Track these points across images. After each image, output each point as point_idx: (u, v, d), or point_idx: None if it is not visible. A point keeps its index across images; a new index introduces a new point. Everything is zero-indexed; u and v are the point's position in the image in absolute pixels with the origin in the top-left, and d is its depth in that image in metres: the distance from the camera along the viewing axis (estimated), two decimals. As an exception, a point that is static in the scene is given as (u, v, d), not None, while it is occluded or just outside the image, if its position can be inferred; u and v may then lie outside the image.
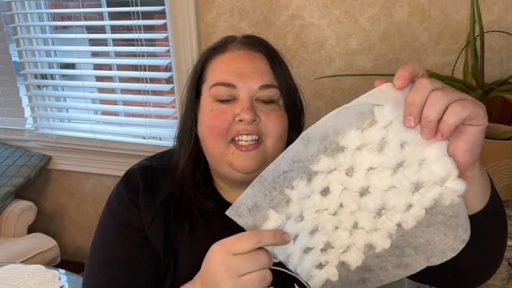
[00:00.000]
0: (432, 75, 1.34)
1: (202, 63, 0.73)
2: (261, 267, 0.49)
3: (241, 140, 0.65)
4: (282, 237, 0.50)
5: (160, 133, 1.97)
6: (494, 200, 0.52)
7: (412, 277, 0.68)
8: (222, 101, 0.68)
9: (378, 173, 0.47)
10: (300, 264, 0.52)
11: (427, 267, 0.62)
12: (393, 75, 0.45)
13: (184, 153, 0.74)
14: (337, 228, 0.51)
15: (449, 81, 1.28)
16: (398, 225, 0.48)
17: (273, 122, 0.67)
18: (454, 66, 1.39)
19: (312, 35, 1.57)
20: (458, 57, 1.40)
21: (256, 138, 0.66)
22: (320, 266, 0.53)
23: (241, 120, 0.65)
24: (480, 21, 1.21)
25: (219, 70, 0.70)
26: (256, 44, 0.72)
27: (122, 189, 0.73)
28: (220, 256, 0.49)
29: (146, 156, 0.82)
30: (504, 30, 1.35)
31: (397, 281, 0.53)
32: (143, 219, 0.70)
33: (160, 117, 1.98)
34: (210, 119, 0.67)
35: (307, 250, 0.52)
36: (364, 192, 0.48)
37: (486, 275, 0.62)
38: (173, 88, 1.86)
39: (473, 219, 0.50)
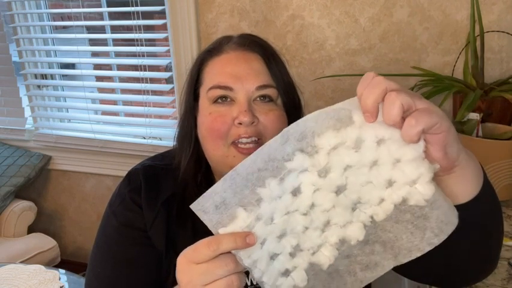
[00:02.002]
0: (432, 75, 1.34)
1: (198, 66, 0.74)
2: (226, 274, 0.46)
3: (242, 143, 0.66)
4: (244, 240, 0.46)
5: (160, 133, 1.97)
6: (487, 188, 0.52)
7: (412, 277, 0.69)
8: (220, 104, 0.68)
9: (355, 170, 0.47)
10: (266, 272, 0.48)
11: (426, 267, 0.62)
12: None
13: (185, 156, 0.74)
14: (307, 228, 0.49)
15: (449, 81, 1.28)
16: (371, 217, 0.48)
17: (272, 122, 0.67)
18: (454, 66, 1.40)
19: (312, 35, 1.57)
20: (458, 57, 1.40)
21: (256, 139, 0.66)
22: (286, 272, 0.50)
23: (240, 123, 0.65)
24: (480, 21, 1.21)
25: (215, 73, 0.70)
26: (251, 44, 0.72)
27: (124, 188, 0.73)
28: (183, 267, 0.48)
29: (146, 156, 0.83)
30: (504, 30, 1.35)
31: (397, 281, 0.52)
32: (145, 218, 0.71)
33: (160, 117, 1.98)
34: (209, 121, 0.68)
35: (274, 256, 0.49)
36: (341, 190, 0.48)
37: (484, 269, 0.62)
38: (173, 88, 1.87)
39: (467, 207, 0.50)
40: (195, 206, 0.47)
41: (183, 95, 0.76)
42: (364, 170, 0.47)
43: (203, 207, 0.47)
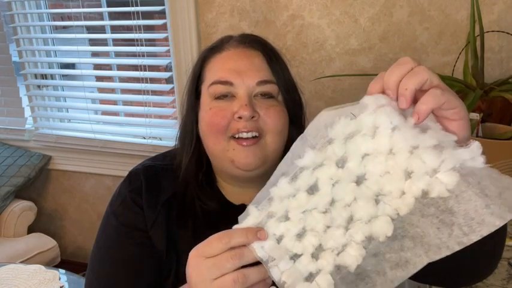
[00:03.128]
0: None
1: (201, 63, 0.74)
2: (233, 268, 0.47)
3: (241, 138, 0.66)
4: (255, 234, 0.47)
5: (160, 133, 1.97)
6: None
7: (412, 277, 0.68)
8: (221, 99, 0.68)
9: (372, 158, 0.45)
10: (285, 272, 0.47)
11: (427, 267, 0.62)
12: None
13: (186, 154, 0.74)
14: (328, 227, 0.47)
15: (449, 81, 1.28)
16: (396, 210, 0.45)
17: (272, 118, 0.67)
18: (454, 66, 1.39)
19: (312, 35, 1.57)
20: (458, 57, 1.40)
21: (256, 134, 0.66)
22: (310, 277, 0.47)
23: (240, 118, 0.65)
24: (480, 21, 1.21)
25: (216, 69, 0.70)
26: (252, 42, 0.73)
27: (124, 189, 0.74)
28: (194, 260, 0.49)
29: (146, 156, 0.83)
30: (504, 30, 1.35)
31: None
32: (146, 219, 0.71)
33: (160, 117, 1.98)
34: (209, 116, 0.68)
35: (294, 257, 0.48)
36: (360, 180, 0.46)
37: (485, 270, 0.62)
38: (173, 88, 1.86)
39: None
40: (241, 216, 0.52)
41: (185, 93, 0.77)
42: (381, 159, 0.44)
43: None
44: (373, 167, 0.45)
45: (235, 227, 0.49)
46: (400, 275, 0.45)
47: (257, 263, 0.48)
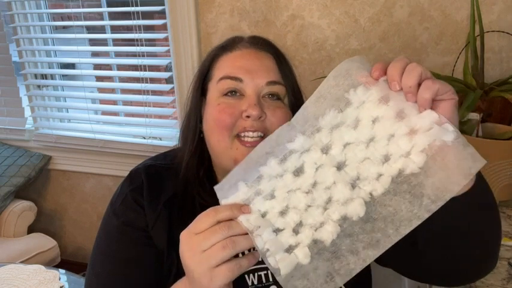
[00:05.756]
0: (432, 75, 1.34)
1: (210, 61, 0.75)
2: (222, 238, 0.50)
3: (247, 136, 0.66)
4: (239, 209, 0.52)
5: (160, 133, 1.97)
6: (481, 182, 0.53)
7: (413, 276, 0.69)
8: (230, 97, 0.69)
9: (354, 147, 0.52)
10: (268, 241, 0.52)
11: (426, 266, 0.62)
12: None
13: (188, 151, 0.74)
14: (309, 206, 0.53)
15: (450, 82, 1.28)
16: (370, 193, 0.51)
17: (279, 119, 0.68)
18: (454, 66, 1.40)
19: (312, 35, 1.57)
20: (458, 57, 1.40)
21: (262, 135, 0.67)
22: (290, 249, 0.53)
23: (248, 117, 0.65)
24: (480, 21, 1.21)
25: (226, 66, 0.71)
26: (263, 44, 0.74)
27: (125, 188, 0.73)
28: (185, 238, 0.53)
29: (146, 156, 0.83)
30: (504, 30, 1.35)
31: (397, 281, 0.52)
32: (147, 218, 0.71)
33: (160, 117, 1.98)
34: (217, 112, 0.68)
35: (276, 231, 0.53)
36: (341, 166, 0.52)
37: (484, 267, 0.62)
38: (173, 88, 1.86)
39: (461, 199, 0.50)
40: (217, 186, 0.55)
41: (191, 90, 0.77)
42: (361, 147, 0.51)
43: (221, 186, 0.55)
44: (353, 155, 0.52)
45: (223, 202, 0.53)
46: (372, 254, 0.51)
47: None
